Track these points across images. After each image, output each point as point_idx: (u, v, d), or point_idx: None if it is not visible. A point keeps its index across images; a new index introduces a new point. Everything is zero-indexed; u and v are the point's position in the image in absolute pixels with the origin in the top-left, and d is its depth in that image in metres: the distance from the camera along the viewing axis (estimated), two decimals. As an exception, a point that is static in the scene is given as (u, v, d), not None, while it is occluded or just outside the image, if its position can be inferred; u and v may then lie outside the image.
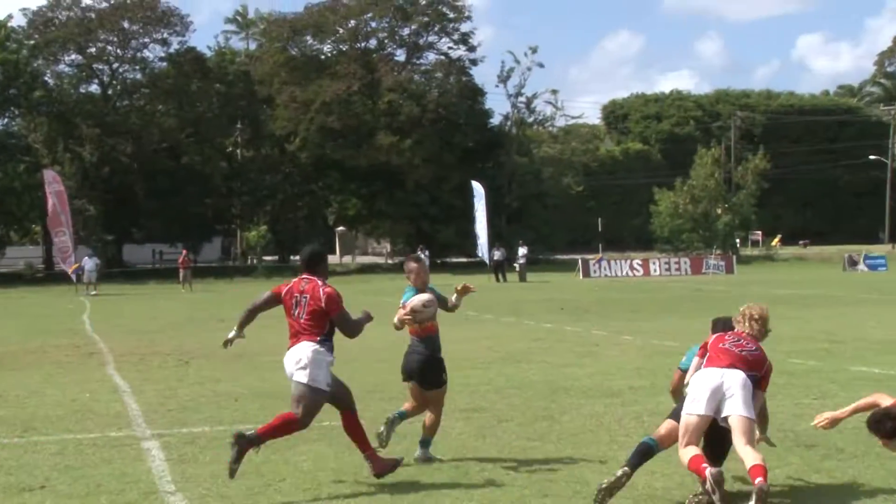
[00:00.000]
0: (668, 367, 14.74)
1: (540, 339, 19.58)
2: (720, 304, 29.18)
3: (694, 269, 51.95)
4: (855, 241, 77.37)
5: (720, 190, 63.26)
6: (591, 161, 77.91)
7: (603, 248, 63.57)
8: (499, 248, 48.83)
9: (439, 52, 68.28)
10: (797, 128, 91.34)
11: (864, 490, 7.59)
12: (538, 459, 8.82)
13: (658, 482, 7.90)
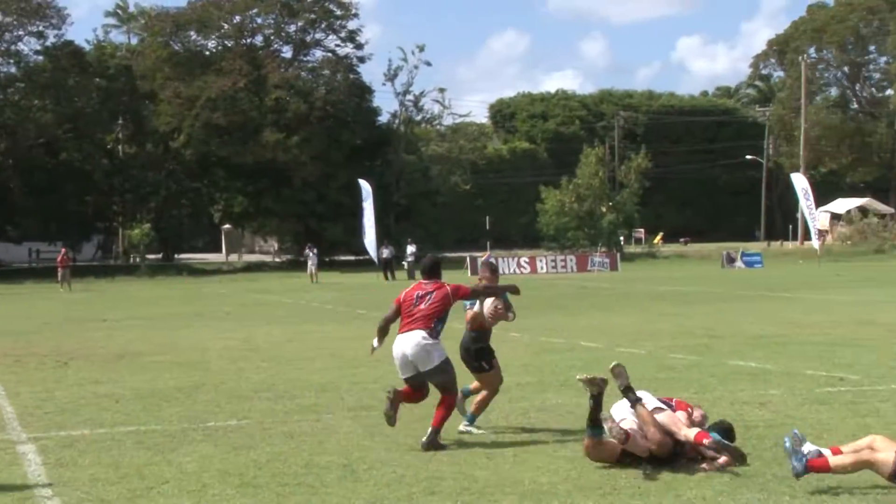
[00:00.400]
0: (554, 363, 14.95)
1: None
2: (605, 300, 29.71)
3: (580, 267, 52.75)
4: (733, 238, 79.56)
5: (604, 188, 64.36)
6: (479, 159, 78.40)
7: (491, 246, 64.05)
8: (387, 246, 48.79)
9: (326, 49, 67.92)
10: (677, 128, 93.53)
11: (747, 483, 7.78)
12: (427, 457, 8.82)
13: (544, 477, 7.97)
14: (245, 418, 10.90)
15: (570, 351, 16.43)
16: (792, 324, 20.05)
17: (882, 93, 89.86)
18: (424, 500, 7.39)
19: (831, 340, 17.10)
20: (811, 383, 12.41)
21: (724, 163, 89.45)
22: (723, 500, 7.13)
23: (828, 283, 34.70)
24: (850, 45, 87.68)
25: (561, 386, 12.69)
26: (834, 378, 12.82)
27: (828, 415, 10.30)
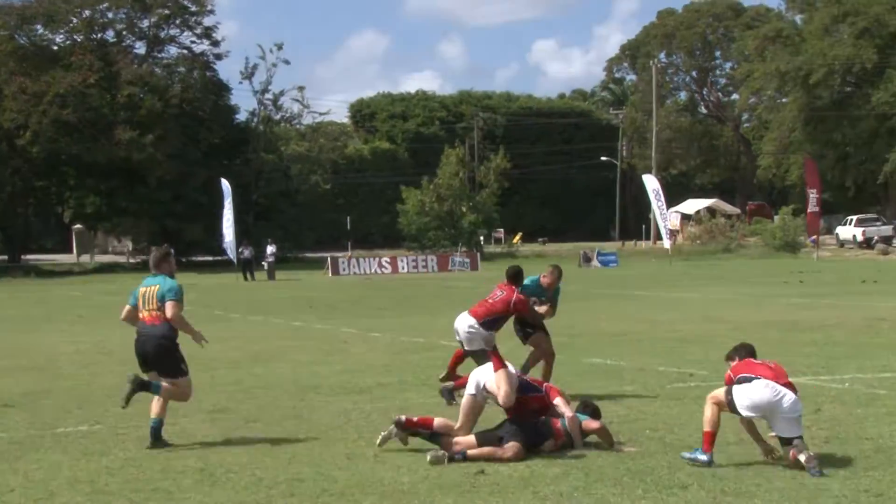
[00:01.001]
0: (415, 363, 15.00)
1: (289, 338, 19.42)
2: (466, 300, 29.94)
3: (440, 266, 53.05)
4: (589, 238, 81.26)
5: (465, 189, 64.89)
6: (340, 159, 77.96)
7: (352, 246, 63.83)
8: (246, 247, 48.05)
9: (182, 45, 66.47)
10: (535, 129, 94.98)
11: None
12: (286, 459, 8.72)
13: (405, 477, 7.98)
14: (97, 423, 10.58)
15: (431, 350, 16.50)
16: (645, 321, 20.61)
17: (728, 97, 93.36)
18: (284, 503, 7.30)
19: (682, 337, 17.65)
20: (663, 379, 12.79)
21: (580, 164, 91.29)
22: (578, 496, 7.26)
23: (678, 282, 35.82)
24: (698, 51, 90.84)
25: (422, 385, 12.74)
26: (684, 374, 13.24)
27: (678, 410, 10.62)
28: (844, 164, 69.20)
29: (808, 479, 7.53)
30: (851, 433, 9.17)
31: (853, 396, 11.12)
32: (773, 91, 73.75)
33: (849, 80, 68.68)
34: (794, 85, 68.88)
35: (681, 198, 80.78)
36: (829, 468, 7.87)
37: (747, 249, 61.20)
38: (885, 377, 12.53)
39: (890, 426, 9.43)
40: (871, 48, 64.97)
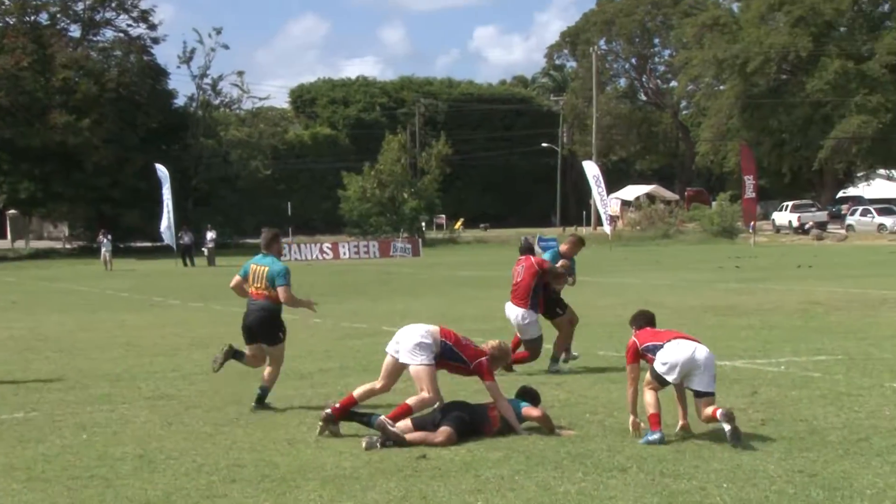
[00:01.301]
0: (357, 348, 14.98)
1: (229, 324, 19.24)
2: (408, 285, 29.98)
3: (382, 252, 52.99)
4: (530, 224, 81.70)
5: (406, 175, 64.81)
6: (280, 144, 77.43)
7: (293, 232, 63.47)
8: (186, 232, 47.59)
9: (118, 29, 65.55)
10: (477, 116, 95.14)
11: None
12: (226, 445, 8.67)
13: (346, 462, 7.98)
14: (33, 410, 10.42)
15: (373, 336, 16.49)
16: (586, 306, 20.72)
17: (666, 84, 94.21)
18: (225, 489, 7.26)
19: (622, 322, 17.72)
20: (604, 363, 12.91)
21: (521, 150, 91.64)
22: (519, 479, 7.31)
23: (618, 267, 36.14)
24: (637, 38, 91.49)
25: (363, 371, 12.72)
26: (624, 358, 13.35)
27: (618, 394, 10.71)
28: (780, 151, 70.28)
29: (744, 460, 7.66)
30: (787, 415, 9.34)
31: (788, 379, 11.32)
32: (710, 78, 74.58)
33: (784, 68, 69.71)
34: (731, 72, 69.75)
35: (621, 184, 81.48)
36: (765, 449, 8.01)
37: (686, 235, 61.96)
38: (819, 360, 12.77)
39: (824, 408, 9.62)
40: (807, 36, 66.00)
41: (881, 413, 9.33)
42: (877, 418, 9.11)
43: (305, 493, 7.09)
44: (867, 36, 68.31)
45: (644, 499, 6.72)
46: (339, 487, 7.22)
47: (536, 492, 6.97)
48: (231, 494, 7.12)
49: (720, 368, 11.96)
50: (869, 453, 7.81)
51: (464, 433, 8.51)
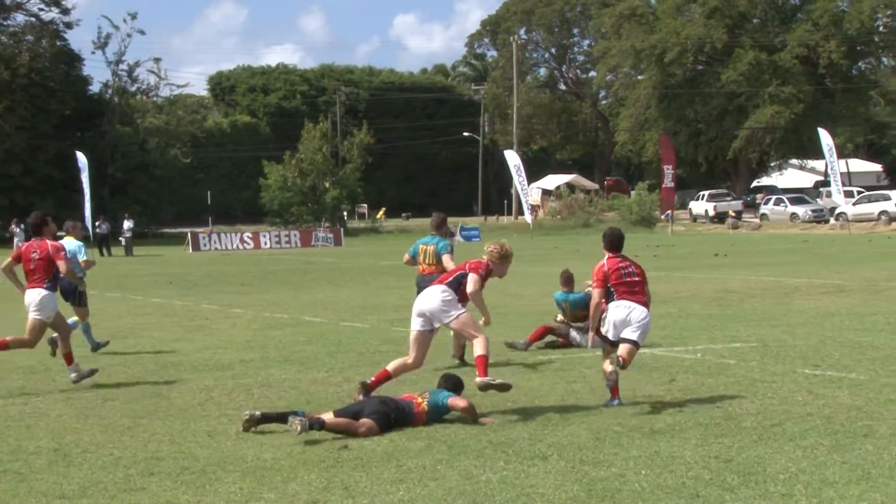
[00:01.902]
0: (278, 339, 14.87)
1: (148, 314, 19.01)
2: (330, 275, 29.84)
3: (304, 242, 52.66)
4: (452, 213, 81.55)
5: (328, 164, 64.46)
6: (199, 132, 76.44)
7: (212, 222, 62.74)
8: (103, 222, 46.73)
9: (29, 13, 64.01)
10: (398, 104, 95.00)
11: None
12: (145, 437, 8.55)
13: (267, 453, 7.92)
14: (-57, 406, 10.14)
15: (294, 326, 16.40)
16: (509, 295, 20.87)
17: (586, 74, 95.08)
18: (143, 482, 7.16)
19: (543, 310, 17.92)
20: (525, 353, 13.00)
21: (443, 139, 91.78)
22: (441, 468, 7.34)
23: (540, 256, 36.42)
24: (557, 28, 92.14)
25: (285, 361, 12.64)
26: (545, 347, 13.49)
27: (539, 382, 10.82)
28: (697, 141, 71.48)
29: (662, 447, 7.78)
30: (703, 402, 9.50)
31: (705, 367, 11.53)
32: (628, 68, 75.48)
33: (700, 59, 70.89)
34: (648, 63, 70.69)
35: (541, 173, 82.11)
36: (682, 436, 8.15)
37: (605, 224, 62.46)
38: (734, 347, 13.03)
39: (739, 394, 9.81)
40: (721, 28, 67.18)
41: (794, 399, 9.55)
42: (789, 404, 9.33)
43: (226, 486, 7.03)
44: (779, 28, 69.80)
45: (564, 486, 6.80)
46: (260, 479, 7.17)
47: (458, 481, 7.00)
48: (149, 487, 7.03)
49: (639, 357, 12.14)
50: (782, 438, 7.99)
51: (385, 428, 8.49)
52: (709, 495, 6.52)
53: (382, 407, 8.61)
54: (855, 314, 16.31)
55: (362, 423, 8.40)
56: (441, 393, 9.00)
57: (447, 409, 8.89)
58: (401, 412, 8.68)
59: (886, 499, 6.37)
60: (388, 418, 8.54)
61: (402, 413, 8.68)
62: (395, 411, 8.63)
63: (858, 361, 11.57)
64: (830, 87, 69.87)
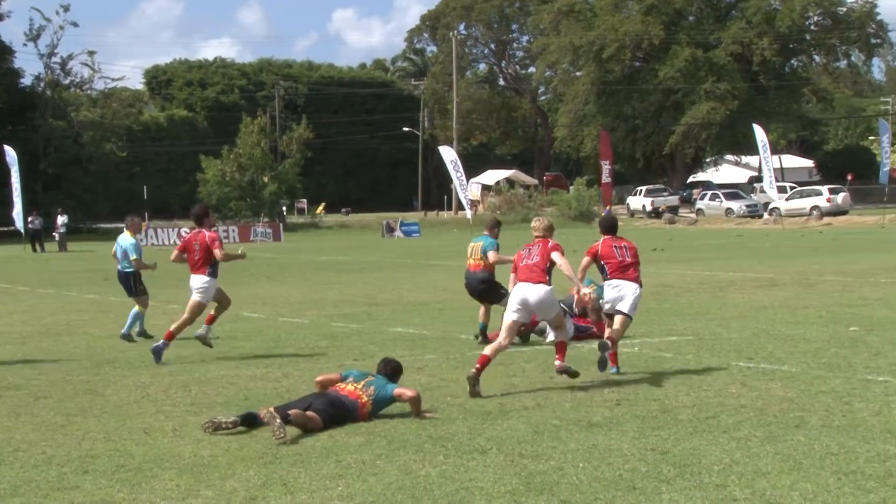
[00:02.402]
0: (216, 334, 14.69)
1: (82, 311, 18.74)
2: (269, 270, 29.63)
3: (242, 237, 52.25)
4: (392, 208, 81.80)
5: (266, 159, 63.96)
6: (135, 126, 75.37)
7: (149, 216, 61.92)
8: (36, 217, 45.91)
9: (-43, 5, 62.73)
10: (337, 99, 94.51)
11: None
12: (79, 435, 8.43)
13: (205, 450, 7.86)
14: None
15: (233, 322, 16.26)
16: (447, 291, 20.91)
17: (525, 70, 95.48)
18: (76, 480, 7.06)
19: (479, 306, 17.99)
20: (464, 347, 13.04)
21: (383, 134, 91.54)
22: (381, 463, 7.34)
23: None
24: (496, 24, 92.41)
25: (223, 358, 12.54)
26: (486, 342, 13.52)
27: (479, 375, 10.84)
28: (634, 137, 72.17)
29: (599, 440, 7.85)
30: (640, 395, 9.62)
31: (642, 360, 11.66)
32: (567, 65, 75.89)
33: (638, 56, 71.52)
34: (587, 59, 71.15)
35: (481, 168, 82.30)
36: (620, 429, 8.24)
37: (544, 219, 62.94)
38: (671, 341, 13.19)
39: (675, 387, 9.94)
40: (658, 25, 67.88)
41: (728, 391, 9.70)
42: (724, 396, 9.47)
43: (162, 483, 6.96)
44: (714, 25, 70.71)
45: (503, 480, 6.83)
46: (197, 476, 7.11)
47: (398, 475, 7.01)
48: (83, 486, 6.93)
49: (577, 351, 12.24)
50: (717, 430, 8.12)
51: (328, 426, 8.46)
52: (645, 487, 6.60)
53: (330, 409, 8.55)
54: (787, 307, 16.60)
55: (310, 416, 8.35)
56: (387, 386, 8.97)
57: (392, 400, 8.88)
58: (347, 412, 8.65)
59: (817, 488, 6.50)
60: (332, 418, 8.50)
61: (347, 413, 8.66)
62: (340, 415, 8.59)
63: (791, 354, 11.78)
64: (764, 84, 70.96)
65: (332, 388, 9.01)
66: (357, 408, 8.71)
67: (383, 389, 8.91)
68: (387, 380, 9.10)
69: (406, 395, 8.86)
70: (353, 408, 8.69)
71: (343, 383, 8.99)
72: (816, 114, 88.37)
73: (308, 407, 8.49)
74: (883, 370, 10.61)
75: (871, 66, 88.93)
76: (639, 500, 6.35)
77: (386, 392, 8.89)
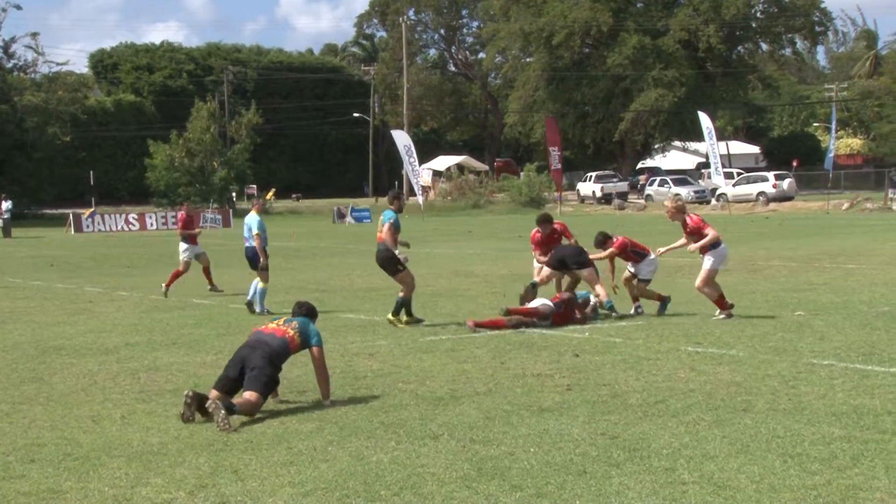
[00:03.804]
0: (165, 322, 14.61)
1: (27, 298, 18.47)
2: (217, 257, 29.37)
3: (190, 223, 51.72)
4: (343, 194, 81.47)
5: (216, 144, 63.44)
6: (80, 111, 74.27)
7: (96, 202, 61.16)
8: (-22, 203, 45.18)
9: None
10: (287, 84, 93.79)
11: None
12: (25, 423, 8.32)
13: (154, 438, 7.80)
14: None
15: (182, 309, 16.14)
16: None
17: (475, 56, 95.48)
18: (23, 469, 6.97)
19: (434, 292, 18.05)
20: (416, 333, 13.04)
21: (333, 120, 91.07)
22: (332, 450, 7.32)
23: (430, 237, 36.54)
24: (446, 9, 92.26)
25: (172, 345, 12.43)
26: (436, 327, 13.56)
27: (430, 362, 10.87)
28: (584, 123, 72.48)
29: (550, 425, 7.90)
30: (591, 380, 9.68)
31: (592, 345, 11.74)
32: (517, 51, 76.00)
33: (587, 43, 71.80)
34: (537, 45, 71.28)
35: (432, 154, 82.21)
36: (570, 413, 8.29)
37: (495, 205, 63.16)
38: (621, 326, 13.30)
39: (625, 372, 10.03)
40: (607, 12, 68.17)
41: (677, 376, 9.80)
42: (673, 381, 9.57)
43: (110, 472, 6.89)
44: (662, 13, 71.14)
45: (455, 465, 6.85)
46: (146, 464, 7.05)
47: (349, 462, 7.00)
48: (30, 475, 6.85)
49: (528, 337, 12.30)
50: (666, 415, 8.20)
51: (271, 389, 8.61)
52: (595, 471, 6.66)
53: (267, 368, 8.49)
54: (735, 292, 16.77)
55: (248, 400, 8.30)
56: (310, 326, 8.97)
57: (310, 343, 8.85)
58: (281, 355, 8.67)
59: (764, 470, 6.60)
60: (272, 381, 8.51)
61: (282, 357, 8.69)
62: (276, 368, 8.61)
63: (738, 338, 11.93)
64: (711, 72, 71.60)
65: (254, 329, 9.10)
66: (287, 343, 8.74)
67: (306, 326, 8.93)
68: (307, 320, 9.10)
69: (315, 356, 8.83)
70: (283, 345, 8.71)
71: (263, 325, 9.06)
72: (762, 100, 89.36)
73: (241, 372, 8.45)
74: (828, 354, 10.77)
75: (815, 53, 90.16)
76: (589, 485, 6.40)
77: (309, 330, 8.90)
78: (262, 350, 8.61)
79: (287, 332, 8.81)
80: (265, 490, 6.45)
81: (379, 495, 6.30)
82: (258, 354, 8.56)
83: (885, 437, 7.35)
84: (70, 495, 6.44)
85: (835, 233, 33.74)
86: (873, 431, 7.51)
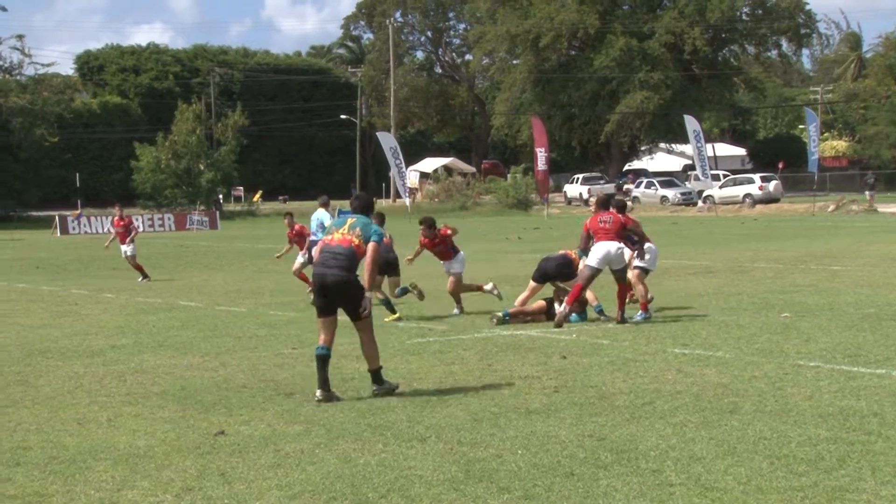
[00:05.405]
0: (151, 324, 14.57)
1: (12, 300, 18.39)
2: (205, 259, 29.35)
3: (178, 225, 51.67)
4: (330, 196, 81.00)
5: (202, 146, 63.28)
6: (66, 113, 73.96)
7: (82, 205, 60.93)
8: (-37, 205, 44.99)
9: None
10: (273, 86, 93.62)
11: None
12: (10, 427, 8.28)
13: (140, 441, 7.77)
14: None
15: (169, 311, 16.10)
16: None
17: (462, 58, 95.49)
18: (8, 473, 6.93)
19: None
20: (403, 335, 13.03)
21: (320, 121, 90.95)
22: (320, 452, 7.31)
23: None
24: (432, 12, 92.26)
25: (158, 347, 12.39)
26: (423, 329, 13.57)
27: (417, 364, 10.87)
28: (570, 125, 72.57)
29: (538, 427, 7.90)
30: (578, 382, 9.69)
31: (579, 347, 11.75)
32: (504, 53, 76.03)
33: (574, 44, 71.91)
34: (523, 47, 71.34)
35: (419, 156, 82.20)
36: (558, 416, 8.30)
37: (482, 207, 63.19)
38: (608, 328, 13.31)
39: (612, 374, 10.04)
40: (594, 14, 68.29)
41: (664, 377, 9.81)
42: (660, 382, 9.58)
43: (96, 475, 6.86)
44: (648, 15, 71.29)
45: (443, 468, 6.85)
46: (133, 467, 7.02)
47: (337, 464, 6.99)
48: (15, 479, 6.81)
49: (515, 339, 12.31)
50: (653, 416, 8.21)
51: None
52: (583, 473, 6.66)
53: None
54: (721, 294, 16.85)
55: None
56: (370, 226, 9.39)
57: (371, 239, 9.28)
58: (355, 262, 9.27)
59: (751, 472, 6.61)
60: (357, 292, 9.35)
61: (356, 263, 9.30)
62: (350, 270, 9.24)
63: (725, 340, 11.96)
64: (697, 74, 71.79)
65: (320, 243, 9.54)
66: (353, 251, 9.21)
67: (367, 229, 9.32)
68: (366, 218, 9.50)
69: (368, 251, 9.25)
70: (352, 254, 9.19)
71: (329, 235, 9.46)
72: (748, 103, 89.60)
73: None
74: (814, 355, 10.81)
75: (800, 56, 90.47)
76: (577, 487, 6.40)
77: (369, 232, 9.29)
78: (334, 274, 9.20)
79: (353, 241, 9.26)
80: (252, 493, 6.44)
81: (366, 498, 6.29)
82: (333, 282, 9.21)
83: (871, 438, 7.38)
84: (56, 499, 6.41)
85: (820, 234, 33.86)
86: (859, 433, 7.54)
